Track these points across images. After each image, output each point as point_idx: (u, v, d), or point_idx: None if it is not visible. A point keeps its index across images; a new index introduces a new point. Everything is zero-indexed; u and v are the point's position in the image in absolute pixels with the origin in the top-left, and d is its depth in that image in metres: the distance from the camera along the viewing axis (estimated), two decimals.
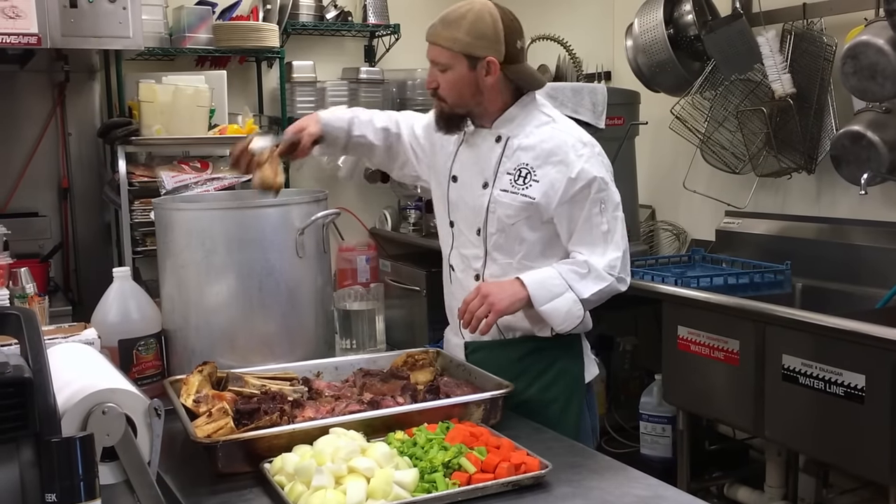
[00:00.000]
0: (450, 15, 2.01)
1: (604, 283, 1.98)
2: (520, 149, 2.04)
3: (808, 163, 3.20)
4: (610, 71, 4.19)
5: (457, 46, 1.98)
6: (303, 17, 4.34)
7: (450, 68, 2.00)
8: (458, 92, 2.02)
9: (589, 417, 2.17)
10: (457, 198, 2.13)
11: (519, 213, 2.02)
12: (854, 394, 2.33)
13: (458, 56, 1.99)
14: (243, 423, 1.68)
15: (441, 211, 2.20)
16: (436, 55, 2.02)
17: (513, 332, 2.10)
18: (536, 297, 1.95)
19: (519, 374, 2.04)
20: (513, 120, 2.07)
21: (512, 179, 2.03)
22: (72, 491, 1.04)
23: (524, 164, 2.03)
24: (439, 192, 2.19)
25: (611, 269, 1.99)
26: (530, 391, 2.06)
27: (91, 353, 1.48)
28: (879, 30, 2.75)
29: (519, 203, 2.01)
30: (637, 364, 3.77)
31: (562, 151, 2.01)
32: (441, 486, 1.44)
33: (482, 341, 2.11)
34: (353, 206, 4.59)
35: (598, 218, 2.00)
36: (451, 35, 1.98)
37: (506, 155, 2.05)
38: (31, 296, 2.51)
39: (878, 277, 2.90)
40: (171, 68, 3.99)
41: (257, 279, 2.05)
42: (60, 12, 3.14)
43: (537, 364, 2.09)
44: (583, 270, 1.98)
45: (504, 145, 2.06)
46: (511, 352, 2.09)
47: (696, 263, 3.45)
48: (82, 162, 3.98)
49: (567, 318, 1.97)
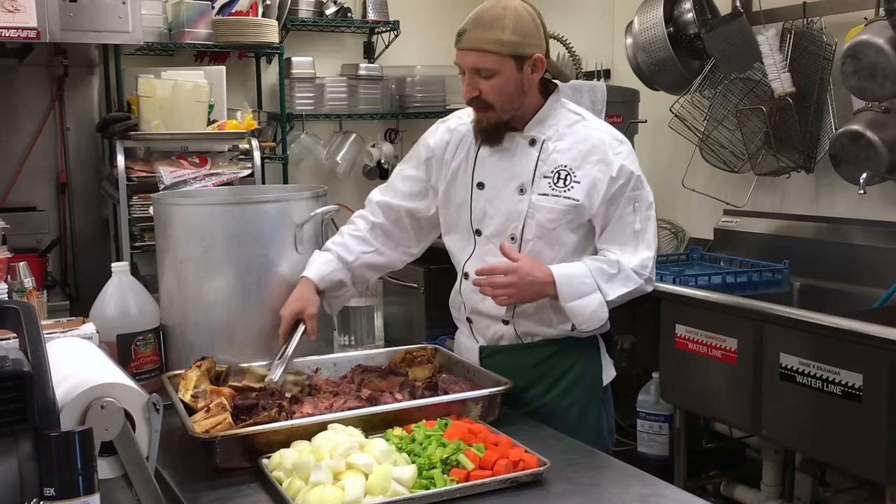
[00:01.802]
0: (483, 17, 1.90)
1: (632, 285, 1.95)
2: (555, 151, 1.97)
3: (807, 162, 3.20)
4: (609, 69, 4.19)
5: (506, 49, 1.88)
6: (302, 12, 4.34)
7: (497, 73, 1.90)
8: (507, 96, 1.93)
9: (606, 420, 2.12)
10: (485, 205, 2.02)
11: (561, 217, 1.96)
12: (851, 393, 2.34)
13: (506, 59, 1.89)
14: (241, 419, 1.68)
15: (459, 221, 2.08)
16: (478, 61, 1.90)
17: (531, 336, 2.04)
18: (563, 293, 1.90)
19: (536, 379, 2.01)
20: (544, 121, 2.00)
21: (551, 182, 1.96)
22: (70, 485, 1.03)
23: (562, 166, 1.96)
24: (456, 201, 2.08)
25: (641, 269, 1.96)
26: (548, 396, 2.01)
27: (90, 347, 1.47)
28: (879, 29, 2.75)
29: (562, 206, 1.95)
30: (634, 362, 3.77)
31: (600, 150, 1.96)
32: (439, 483, 1.45)
33: (498, 346, 2.07)
34: (352, 203, 4.53)
35: (631, 217, 1.96)
36: (496, 37, 1.87)
37: (541, 158, 1.98)
38: (29, 290, 2.52)
39: (877, 277, 2.90)
40: (170, 63, 3.98)
41: (256, 275, 2.05)
42: (59, 6, 3.13)
43: (556, 368, 2.03)
44: (612, 270, 1.94)
45: (540, 149, 1.99)
46: (528, 357, 2.04)
47: (694, 262, 3.45)
48: (81, 156, 3.98)
49: (591, 318, 1.93)
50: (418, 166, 2.15)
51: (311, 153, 4.42)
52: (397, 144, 4.69)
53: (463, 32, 1.92)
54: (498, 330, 2.06)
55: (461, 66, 1.95)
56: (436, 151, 2.12)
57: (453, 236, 2.12)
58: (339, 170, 4.45)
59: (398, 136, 4.72)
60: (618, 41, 3.96)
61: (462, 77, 1.96)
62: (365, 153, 4.55)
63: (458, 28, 1.94)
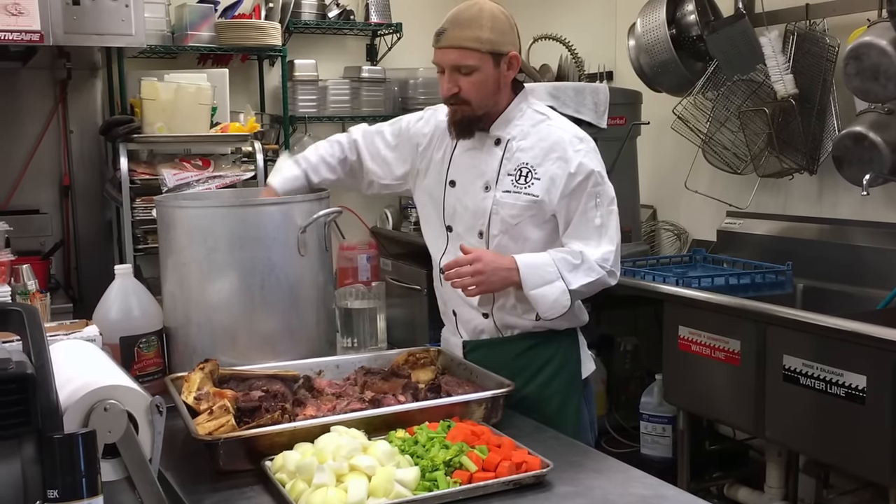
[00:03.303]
0: (461, 16, 2.00)
1: (595, 275, 2.00)
2: (519, 150, 2.06)
3: (809, 163, 3.20)
4: (612, 71, 4.19)
5: (485, 46, 1.97)
6: (305, 15, 4.34)
7: (476, 70, 1.99)
8: (484, 92, 2.02)
9: (588, 412, 2.19)
10: (455, 202, 2.13)
11: (523, 213, 2.04)
12: (855, 395, 2.33)
13: (485, 56, 1.98)
14: (244, 421, 1.68)
15: (434, 216, 2.20)
16: (460, 58, 1.99)
17: (511, 329, 2.13)
18: (527, 281, 1.97)
19: (518, 371, 2.05)
20: (510, 121, 2.09)
21: (513, 180, 2.05)
22: (74, 487, 1.04)
23: (524, 164, 2.05)
24: (433, 197, 2.19)
25: (603, 262, 2.01)
26: (529, 387, 2.08)
27: (93, 350, 1.48)
28: (882, 31, 2.75)
29: (523, 202, 2.03)
30: (638, 364, 3.77)
31: (560, 148, 2.04)
32: (442, 485, 1.45)
33: (480, 340, 2.15)
34: (355, 205, 4.59)
35: (593, 212, 2.03)
36: (475, 35, 1.97)
37: (506, 157, 2.07)
38: (32, 292, 2.52)
39: (880, 278, 2.90)
40: (173, 66, 3.99)
41: (259, 277, 2.05)
42: (63, 9, 3.14)
43: (535, 361, 2.11)
44: (576, 261, 2.00)
45: (504, 148, 2.08)
46: (509, 349, 2.12)
47: (697, 263, 3.45)
48: (84, 159, 3.99)
49: (553, 306, 1.98)
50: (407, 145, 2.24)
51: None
52: None
53: (442, 32, 2.01)
54: (479, 324, 2.14)
55: (440, 65, 2.04)
56: (423, 140, 2.21)
57: (430, 234, 2.23)
58: None
59: None
60: (620, 43, 3.96)
61: (440, 76, 2.05)
62: None
63: (436, 29, 2.03)
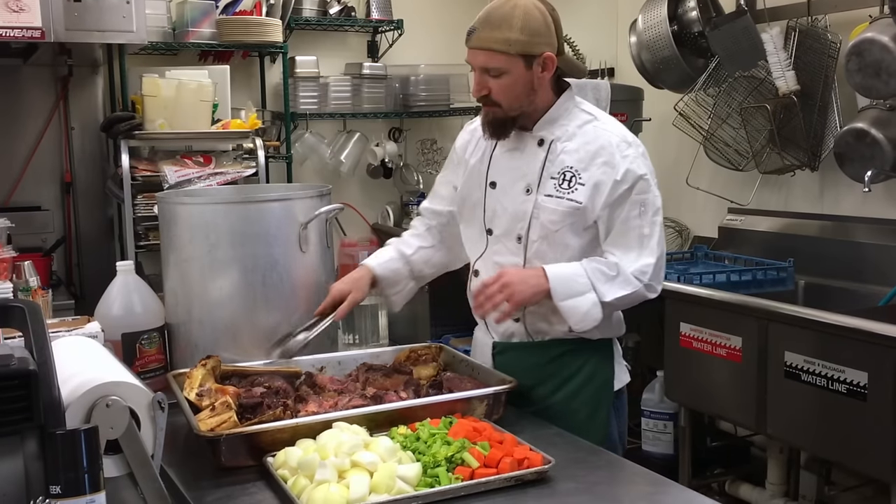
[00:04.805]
0: (492, 16, 1.89)
1: (630, 288, 1.91)
2: (563, 152, 1.96)
3: (811, 160, 3.19)
4: (613, 67, 4.19)
5: (514, 48, 1.87)
6: (306, 12, 4.33)
7: (505, 72, 1.89)
8: (514, 94, 1.92)
9: (618, 425, 2.08)
10: (495, 204, 2.03)
11: (564, 219, 1.94)
12: (856, 391, 2.33)
13: (514, 58, 1.88)
14: (246, 417, 1.68)
15: (474, 218, 2.09)
16: (487, 61, 1.90)
17: (542, 335, 2.03)
18: (557, 292, 1.88)
19: (546, 377, 2.00)
20: (555, 121, 1.98)
21: (556, 184, 1.94)
22: (76, 483, 1.04)
23: (569, 168, 1.94)
24: (473, 198, 2.09)
25: (640, 275, 1.91)
26: (556, 396, 2.00)
27: (95, 346, 1.48)
28: (884, 27, 2.75)
29: (565, 208, 1.93)
30: (639, 361, 3.77)
31: (607, 152, 1.93)
32: (444, 481, 1.45)
33: (511, 342, 2.06)
34: (356, 202, 4.59)
35: (636, 220, 1.93)
36: (504, 37, 1.87)
37: (549, 159, 1.97)
38: (34, 289, 2.52)
39: (881, 275, 2.90)
40: (174, 63, 3.98)
41: (260, 273, 2.06)
42: (64, 6, 3.13)
43: (565, 369, 2.02)
44: (611, 273, 1.91)
45: (547, 149, 1.98)
46: (539, 355, 2.03)
47: (698, 260, 3.45)
48: (85, 156, 3.98)
49: (585, 318, 1.90)
50: (455, 170, 2.19)
51: (314, 152, 4.42)
52: (401, 143, 4.69)
53: (472, 31, 1.92)
54: (510, 327, 2.05)
55: (471, 64, 1.96)
56: (459, 153, 2.17)
57: (469, 237, 2.14)
58: (343, 169, 4.44)
59: (402, 135, 4.71)
60: (622, 39, 3.96)
61: (473, 74, 1.97)
62: (369, 152, 4.55)
63: (469, 26, 1.94)
